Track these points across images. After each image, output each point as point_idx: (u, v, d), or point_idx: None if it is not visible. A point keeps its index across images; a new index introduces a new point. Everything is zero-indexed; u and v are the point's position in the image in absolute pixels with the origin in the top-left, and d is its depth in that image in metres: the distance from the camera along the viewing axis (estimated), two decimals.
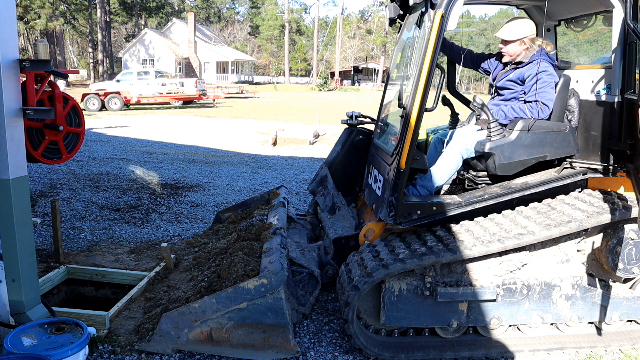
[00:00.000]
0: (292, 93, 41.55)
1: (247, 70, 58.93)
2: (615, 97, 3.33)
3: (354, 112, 4.81)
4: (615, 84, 3.34)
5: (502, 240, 3.10)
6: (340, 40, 60.81)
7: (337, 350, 3.33)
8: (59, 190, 7.25)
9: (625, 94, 3.29)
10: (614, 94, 3.35)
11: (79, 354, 2.71)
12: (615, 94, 3.34)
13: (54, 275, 4.02)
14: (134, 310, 3.62)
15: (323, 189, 4.75)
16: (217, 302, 3.07)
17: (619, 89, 3.32)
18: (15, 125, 2.94)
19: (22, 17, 37.07)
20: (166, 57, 48.05)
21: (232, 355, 3.14)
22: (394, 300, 3.18)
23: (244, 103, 29.41)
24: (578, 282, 3.31)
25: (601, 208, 3.18)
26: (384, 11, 4.52)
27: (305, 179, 8.70)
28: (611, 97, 3.37)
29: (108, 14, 45.43)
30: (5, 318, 3.05)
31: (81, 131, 3.63)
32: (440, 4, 3.19)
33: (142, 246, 5.09)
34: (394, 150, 3.47)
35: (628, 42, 3.25)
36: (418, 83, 3.27)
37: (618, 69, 3.31)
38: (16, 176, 2.97)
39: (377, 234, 3.69)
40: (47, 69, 3.11)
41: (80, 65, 60.31)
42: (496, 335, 3.41)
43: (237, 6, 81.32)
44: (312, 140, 13.50)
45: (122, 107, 22.42)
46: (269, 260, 3.36)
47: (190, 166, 9.70)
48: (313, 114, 20.77)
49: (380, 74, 56.44)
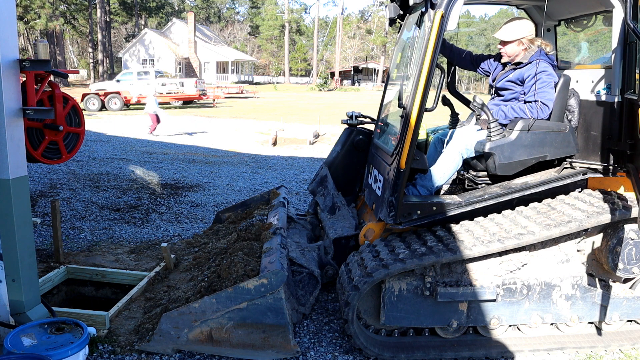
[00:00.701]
0: (292, 93, 41.54)
1: (247, 70, 58.93)
2: (615, 97, 3.33)
3: (354, 112, 4.81)
4: (615, 84, 3.34)
5: (502, 240, 3.10)
6: (340, 40, 60.82)
7: (337, 350, 3.33)
8: (59, 190, 7.25)
9: (625, 94, 3.29)
10: (614, 94, 3.35)
11: (79, 354, 2.71)
12: (615, 94, 3.34)
13: (54, 275, 4.02)
14: (134, 310, 3.62)
15: (323, 189, 4.76)
16: (217, 302, 3.07)
17: (619, 89, 3.32)
18: (15, 125, 2.94)
19: (22, 17, 37.07)
20: (166, 57, 48.05)
21: (232, 355, 3.14)
22: (394, 300, 3.18)
23: (244, 103, 29.41)
24: (578, 282, 3.31)
25: (601, 208, 3.18)
26: (384, 11, 4.52)
27: (305, 179, 8.70)
28: (611, 97, 3.37)
29: (108, 14, 45.43)
30: (5, 318, 3.05)
31: (81, 131, 3.63)
32: (440, 4, 3.19)
33: (142, 246, 5.09)
34: (394, 150, 3.47)
35: (628, 42, 3.25)
36: (418, 83, 3.27)
37: (618, 69, 3.31)
38: (16, 176, 2.97)
39: (377, 234, 3.69)
40: (47, 69, 3.11)
41: (80, 65, 60.30)
42: (496, 335, 3.41)
43: (237, 6, 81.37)
44: (312, 140, 13.50)
45: (122, 107, 22.42)
46: (269, 260, 3.36)
47: (190, 166, 9.70)
48: (313, 114, 20.78)
49: (380, 74, 56.45)
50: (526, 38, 3.67)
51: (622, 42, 3.27)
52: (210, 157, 10.74)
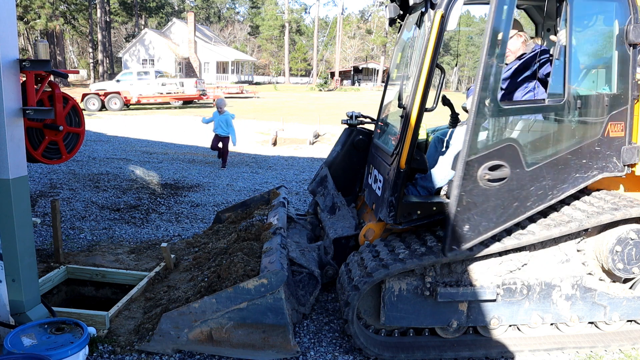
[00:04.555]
0: (292, 93, 41.53)
1: (247, 70, 58.91)
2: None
3: (354, 112, 4.81)
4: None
5: (502, 240, 3.10)
6: (340, 40, 60.82)
7: (337, 350, 3.33)
8: (59, 190, 7.25)
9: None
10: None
11: (79, 354, 2.71)
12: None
13: (54, 275, 4.02)
14: (134, 310, 3.62)
15: (323, 189, 4.76)
16: (217, 302, 3.07)
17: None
18: (15, 125, 2.94)
19: (22, 17, 37.06)
20: (166, 57, 48.03)
21: (232, 355, 3.14)
22: (394, 300, 3.18)
23: (244, 103, 29.41)
24: (578, 282, 3.31)
25: (601, 208, 3.18)
26: (384, 11, 4.52)
27: (305, 179, 8.70)
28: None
29: (108, 14, 45.42)
30: (5, 318, 3.05)
31: (81, 131, 3.63)
32: (440, 4, 3.19)
33: (142, 246, 5.09)
34: (394, 150, 3.47)
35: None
36: (418, 83, 3.27)
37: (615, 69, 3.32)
38: (16, 176, 2.97)
39: (377, 234, 3.69)
40: (47, 69, 3.11)
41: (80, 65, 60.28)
42: (496, 335, 3.41)
43: (237, 6, 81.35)
44: (312, 140, 13.50)
45: (122, 107, 22.41)
46: (269, 260, 3.36)
47: (190, 166, 9.70)
48: (313, 114, 20.77)
49: (380, 74, 56.43)
50: (524, 32, 3.71)
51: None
52: (210, 157, 10.73)
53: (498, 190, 3.06)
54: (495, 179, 3.04)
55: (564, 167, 3.19)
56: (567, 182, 3.21)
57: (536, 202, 3.15)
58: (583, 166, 3.23)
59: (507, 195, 3.08)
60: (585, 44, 3.38)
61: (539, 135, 3.24)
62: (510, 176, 3.06)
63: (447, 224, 3.05)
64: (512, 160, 3.06)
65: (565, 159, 3.18)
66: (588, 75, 3.39)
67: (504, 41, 2.99)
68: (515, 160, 3.06)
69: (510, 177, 3.06)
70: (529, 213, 3.15)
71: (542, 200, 3.17)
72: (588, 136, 3.22)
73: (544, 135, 3.23)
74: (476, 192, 3.03)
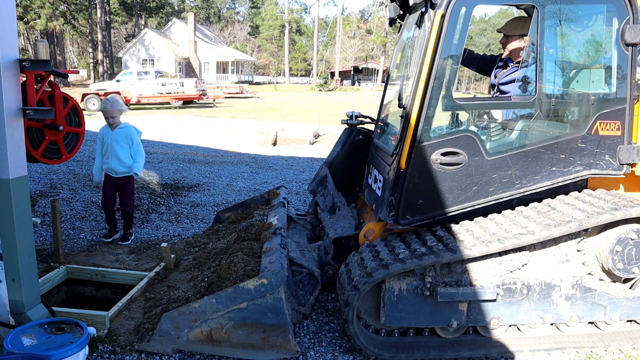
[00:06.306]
0: (292, 93, 41.55)
1: (247, 70, 58.94)
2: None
3: (354, 112, 4.81)
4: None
5: (502, 240, 3.10)
6: (340, 40, 60.83)
7: (337, 350, 3.33)
8: (59, 190, 7.25)
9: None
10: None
11: (79, 354, 2.71)
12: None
13: (54, 275, 4.02)
14: (134, 310, 3.62)
15: (323, 189, 4.76)
16: (217, 302, 3.07)
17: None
18: (15, 125, 2.94)
19: (22, 17, 37.08)
20: (166, 57, 48.05)
21: (232, 355, 3.14)
22: (394, 300, 3.18)
23: (244, 103, 29.42)
24: (578, 282, 3.31)
25: (601, 208, 3.18)
26: (384, 11, 4.52)
27: (305, 179, 8.70)
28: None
29: (108, 14, 45.43)
30: (5, 318, 3.05)
31: (81, 131, 3.63)
32: (440, 4, 3.20)
33: (142, 246, 5.09)
34: (394, 150, 3.47)
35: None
36: (418, 83, 3.28)
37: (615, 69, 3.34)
38: (16, 176, 2.97)
39: (377, 234, 3.69)
40: (47, 69, 3.11)
41: (80, 65, 60.30)
42: (496, 335, 3.41)
43: (237, 6, 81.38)
44: (312, 140, 13.50)
45: None
46: (269, 260, 3.36)
47: (190, 166, 9.70)
48: (313, 114, 20.77)
49: (380, 74, 56.46)
50: (528, 37, 3.69)
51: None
52: (210, 157, 10.74)
53: (454, 174, 3.34)
54: (449, 163, 3.32)
55: (535, 160, 3.38)
56: (539, 174, 3.41)
57: (501, 189, 3.40)
58: (562, 161, 3.39)
59: (464, 179, 3.36)
60: (567, 46, 3.54)
61: (504, 128, 3.55)
62: (468, 163, 3.32)
63: (401, 194, 3.34)
64: (468, 149, 3.32)
65: (537, 152, 3.38)
66: (572, 75, 3.53)
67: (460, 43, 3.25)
68: (473, 148, 3.32)
69: (467, 164, 3.33)
70: (493, 197, 3.40)
71: (509, 187, 3.40)
72: (567, 133, 3.39)
73: (509, 129, 3.51)
74: (429, 172, 3.32)
